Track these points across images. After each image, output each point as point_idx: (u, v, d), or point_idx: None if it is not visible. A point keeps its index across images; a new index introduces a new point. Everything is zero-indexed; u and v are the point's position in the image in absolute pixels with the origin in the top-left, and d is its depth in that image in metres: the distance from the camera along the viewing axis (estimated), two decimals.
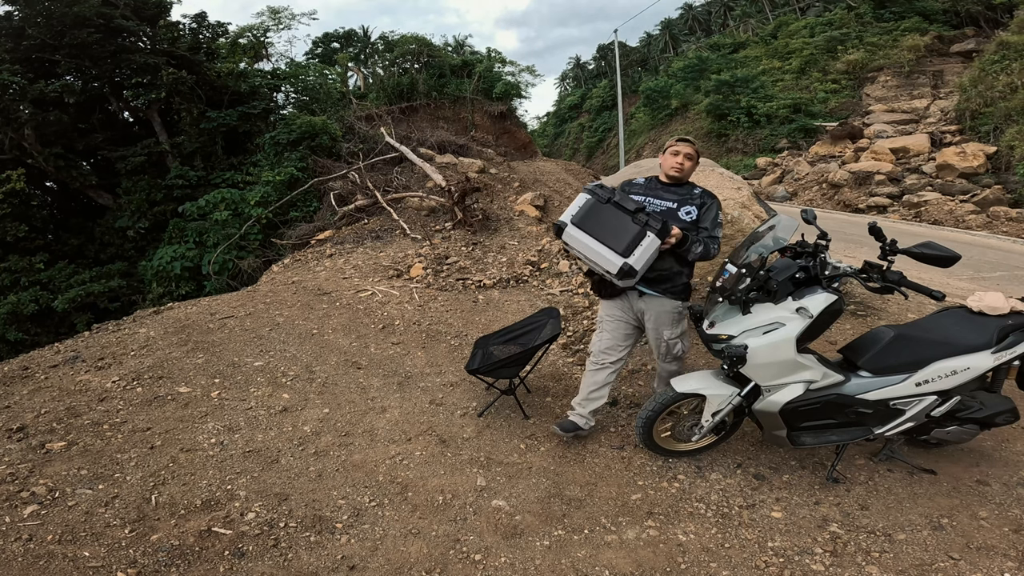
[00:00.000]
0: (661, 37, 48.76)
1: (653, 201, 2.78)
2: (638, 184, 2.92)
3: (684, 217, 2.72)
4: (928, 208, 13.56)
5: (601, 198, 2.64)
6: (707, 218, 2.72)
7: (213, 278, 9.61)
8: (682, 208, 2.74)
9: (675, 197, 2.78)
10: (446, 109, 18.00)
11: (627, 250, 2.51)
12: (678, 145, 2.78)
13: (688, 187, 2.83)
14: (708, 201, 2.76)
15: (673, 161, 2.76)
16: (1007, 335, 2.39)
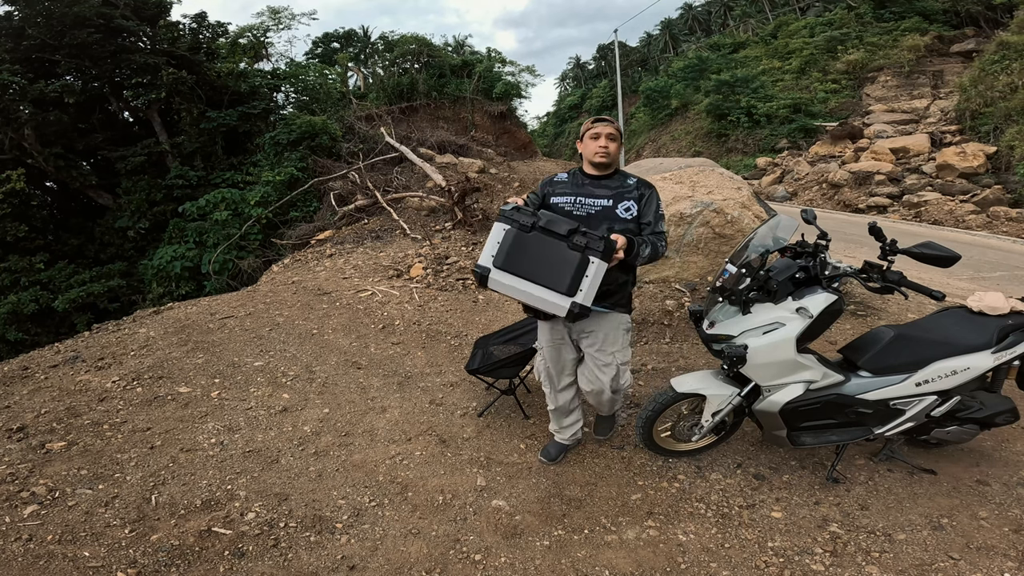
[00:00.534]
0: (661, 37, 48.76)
1: (585, 201, 2.40)
2: (562, 182, 2.52)
3: (624, 215, 2.37)
4: (928, 208, 13.56)
5: (524, 226, 2.15)
6: (649, 211, 2.40)
7: (213, 278, 9.62)
8: (620, 204, 2.38)
9: (609, 192, 2.41)
10: (446, 109, 18.00)
11: (572, 287, 2.10)
12: (596, 126, 2.41)
13: (621, 177, 2.47)
14: (646, 191, 2.42)
15: (595, 146, 2.40)
16: (1007, 335, 2.39)
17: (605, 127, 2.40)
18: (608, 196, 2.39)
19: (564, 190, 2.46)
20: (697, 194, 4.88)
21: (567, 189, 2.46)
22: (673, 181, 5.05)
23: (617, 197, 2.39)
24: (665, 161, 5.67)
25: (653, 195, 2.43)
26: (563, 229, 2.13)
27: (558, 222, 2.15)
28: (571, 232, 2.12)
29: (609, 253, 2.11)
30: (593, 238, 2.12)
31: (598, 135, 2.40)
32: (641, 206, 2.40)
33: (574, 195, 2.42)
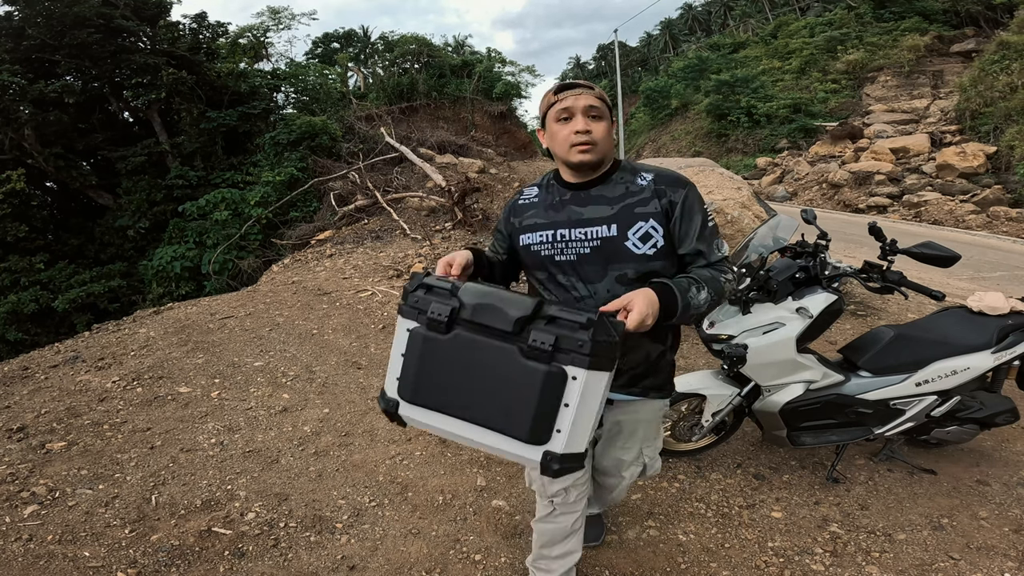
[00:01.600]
0: (661, 37, 48.77)
1: (568, 236, 1.40)
2: (527, 203, 1.51)
3: (640, 247, 1.35)
4: (928, 208, 13.56)
5: (435, 321, 1.11)
6: (689, 229, 1.37)
7: (213, 278, 9.62)
8: (630, 229, 1.36)
9: (607, 209, 1.38)
10: (446, 109, 18.00)
11: (538, 429, 1.07)
12: (564, 97, 1.36)
13: (624, 175, 1.43)
14: (675, 194, 1.38)
15: (567, 133, 1.36)
16: (1007, 335, 2.39)
17: (580, 96, 1.34)
18: (607, 217, 1.36)
19: (535, 217, 1.45)
20: None
21: (539, 215, 1.45)
22: None
23: (624, 216, 1.36)
24: (665, 161, 5.67)
25: (689, 199, 1.38)
26: (505, 319, 1.06)
27: (493, 307, 1.08)
28: (522, 323, 1.05)
29: (608, 350, 1.04)
30: (568, 325, 1.04)
31: (570, 112, 1.34)
32: (672, 224, 1.37)
33: (550, 226, 1.41)
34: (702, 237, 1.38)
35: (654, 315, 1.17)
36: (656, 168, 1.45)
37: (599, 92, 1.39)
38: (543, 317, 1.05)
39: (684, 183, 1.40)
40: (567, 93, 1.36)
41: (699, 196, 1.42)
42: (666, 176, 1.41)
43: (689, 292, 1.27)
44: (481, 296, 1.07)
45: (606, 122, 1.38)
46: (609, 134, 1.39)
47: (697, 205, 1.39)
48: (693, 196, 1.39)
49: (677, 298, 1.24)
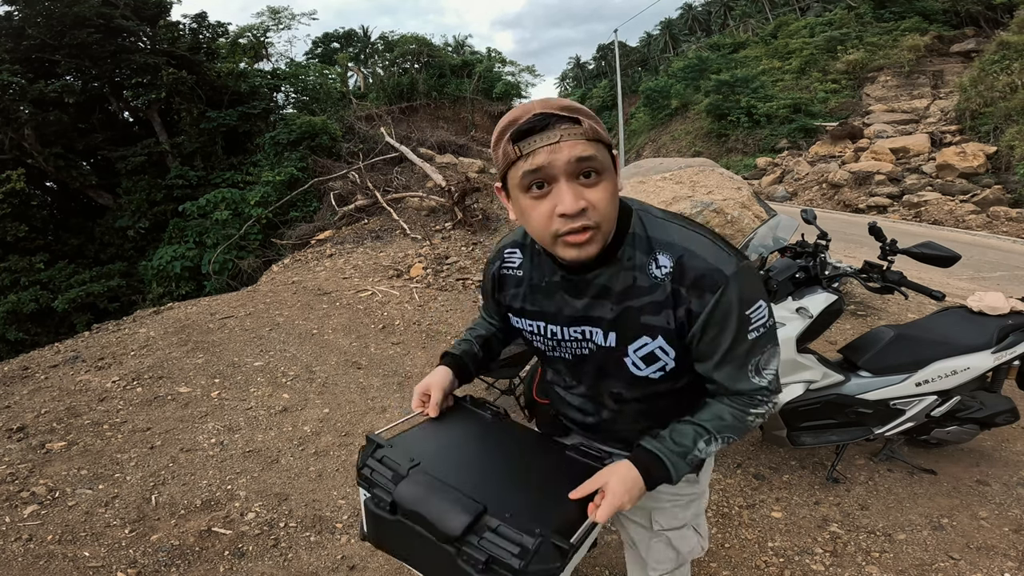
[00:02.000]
0: (661, 37, 48.78)
1: (560, 333, 1.05)
2: (510, 275, 1.11)
3: (639, 369, 1.00)
4: (928, 208, 13.56)
5: (380, 501, 0.96)
6: (714, 347, 0.94)
7: (213, 278, 9.62)
8: (632, 343, 0.98)
9: (606, 308, 0.97)
10: (446, 109, 18.01)
11: None
12: (538, 151, 0.80)
13: (635, 253, 0.94)
14: (700, 300, 0.91)
15: (549, 214, 0.84)
16: (1007, 335, 2.39)
17: (559, 147, 0.80)
18: (606, 321, 0.98)
19: (522, 301, 1.09)
20: (697, 194, 4.88)
21: (525, 298, 1.08)
22: (673, 181, 5.05)
23: (626, 324, 0.97)
24: (665, 161, 5.67)
25: (722, 307, 0.90)
26: (438, 530, 0.87)
27: (426, 518, 0.89)
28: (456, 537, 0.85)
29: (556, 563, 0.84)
30: (506, 544, 0.84)
31: (543, 177, 0.82)
32: (690, 337, 0.95)
33: (539, 316, 1.06)
34: (730, 359, 0.93)
35: (634, 499, 0.92)
36: (684, 244, 0.91)
37: (589, 126, 0.81)
38: (483, 528, 0.85)
39: (716, 283, 0.88)
40: (536, 141, 0.80)
41: (741, 297, 0.89)
42: (693, 270, 0.89)
43: (691, 454, 0.96)
44: (418, 498, 0.90)
45: (607, 178, 0.84)
46: (614, 196, 0.87)
47: (734, 314, 0.89)
48: (729, 302, 0.88)
49: (670, 473, 0.95)
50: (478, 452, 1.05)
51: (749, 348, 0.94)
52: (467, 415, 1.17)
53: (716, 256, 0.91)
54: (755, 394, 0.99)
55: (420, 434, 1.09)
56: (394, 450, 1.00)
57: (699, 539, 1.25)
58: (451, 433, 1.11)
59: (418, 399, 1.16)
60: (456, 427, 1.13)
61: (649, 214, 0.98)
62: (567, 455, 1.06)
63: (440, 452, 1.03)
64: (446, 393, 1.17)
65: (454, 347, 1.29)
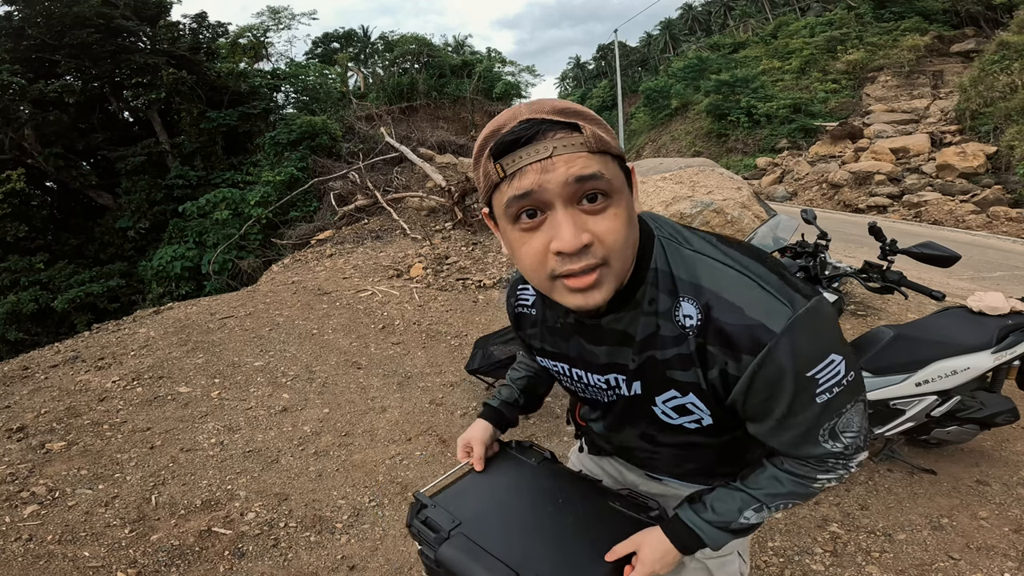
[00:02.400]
0: (661, 37, 48.80)
1: (584, 378, 0.92)
2: (526, 314, 1.00)
3: (671, 418, 0.84)
4: (928, 208, 13.56)
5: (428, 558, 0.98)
6: (767, 411, 0.73)
7: (213, 278, 9.63)
8: (660, 395, 0.81)
9: (627, 355, 0.81)
10: (446, 109, 18.00)
11: None
12: (525, 171, 0.62)
13: (656, 295, 0.75)
14: (737, 364, 0.70)
15: (543, 252, 0.65)
16: (1007, 335, 2.39)
17: (553, 165, 0.61)
18: (628, 369, 0.83)
19: (542, 341, 0.98)
20: (697, 194, 4.88)
21: (544, 339, 0.97)
22: (673, 181, 5.05)
23: (650, 375, 0.81)
24: (665, 161, 5.67)
25: (767, 370, 0.68)
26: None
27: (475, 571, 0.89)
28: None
29: None
30: None
31: (534, 205, 0.63)
32: (731, 400, 0.75)
33: (561, 358, 0.95)
34: (789, 427, 0.74)
35: (668, 566, 0.86)
36: (713, 288, 0.72)
37: (593, 132, 0.64)
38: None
39: (757, 344, 0.68)
40: (522, 157, 0.63)
41: (797, 357, 0.67)
42: (723, 326, 0.70)
43: (735, 523, 0.84)
44: (457, 563, 0.94)
45: (618, 201, 0.66)
46: (629, 225, 0.67)
47: (788, 379, 0.68)
48: (780, 367, 0.67)
49: (707, 545, 0.86)
50: (519, 507, 1.05)
51: (818, 413, 0.72)
52: (512, 463, 1.16)
53: (758, 305, 0.68)
54: (827, 459, 0.78)
55: (464, 488, 1.10)
56: (437, 510, 1.03)
57: (740, 564, 1.06)
58: (494, 487, 1.11)
59: (462, 451, 1.14)
60: (499, 478, 1.13)
61: (675, 242, 0.76)
62: (610, 506, 1.02)
63: (481, 511, 1.04)
64: (487, 446, 1.14)
65: (494, 396, 1.24)
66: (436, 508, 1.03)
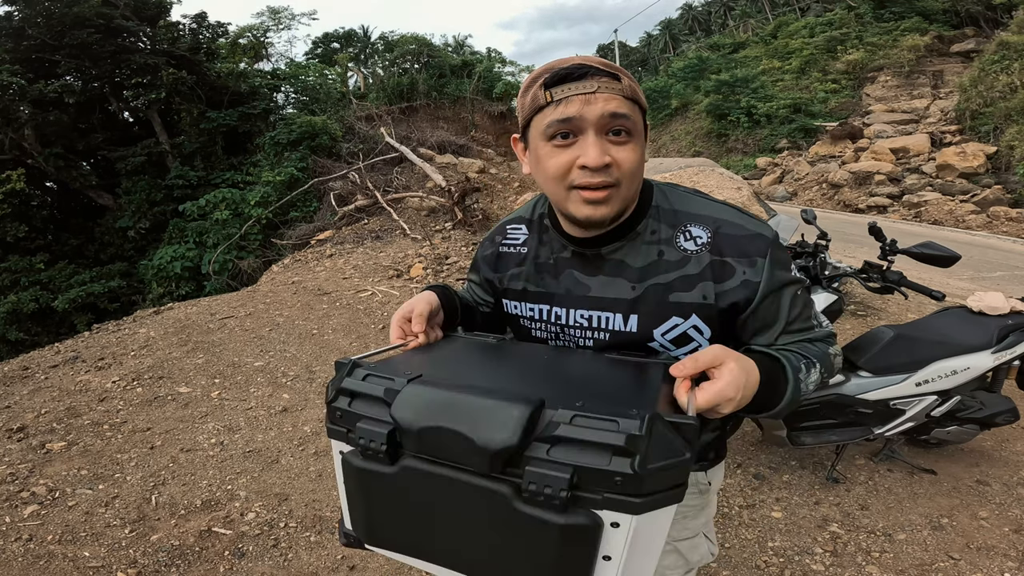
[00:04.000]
0: (661, 37, 48.80)
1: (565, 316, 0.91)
2: (511, 252, 0.99)
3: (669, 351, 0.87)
4: (928, 208, 13.55)
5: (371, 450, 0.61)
6: (774, 318, 0.86)
7: (213, 278, 9.62)
8: (658, 327, 0.85)
9: (624, 287, 0.86)
10: (446, 109, 17.98)
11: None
12: (571, 99, 0.74)
13: (658, 226, 0.87)
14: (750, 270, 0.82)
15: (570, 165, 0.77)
16: (1007, 335, 2.39)
17: (595, 97, 0.74)
18: (624, 302, 0.86)
19: (523, 281, 0.96)
20: None
21: (527, 277, 0.96)
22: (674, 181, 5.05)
23: (650, 303, 0.85)
24: (665, 161, 5.67)
25: (774, 274, 0.84)
26: (476, 454, 0.55)
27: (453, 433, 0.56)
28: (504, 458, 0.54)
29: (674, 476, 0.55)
30: (594, 449, 0.53)
31: (571, 128, 0.76)
32: (742, 319, 0.86)
33: (541, 298, 0.94)
34: (796, 319, 0.87)
35: (740, 402, 0.68)
36: (717, 216, 0.85)
37: (629, 84, 0.77)
38: (545, 440, 0.55)
39: (763, 248, 0.82)
40: (570, 88, 0.74)
41: (784, 258, 0.85)
42: (735, 239, 0.83)
43: (801, 374, 0.81)
44: (432, 412, 0.58)
45: (637, 141, 0.78)
46: (641, 162, 0.79)
47: (786, 274, 0.85)
48: (779, 262, 0.83)
49: (788, 383, 0.78)
50: (498, 363, 0.78)
51: (803, 304, 0.89)
52: (466, 342, 0.87)
53: (751, 223, 0.87)
54: (829, 337, 0.92)
55: (411, 355, 0.78)
56: (380, 366, 0.69)
57: (709, 545, 1.12)
58: (454, 349, 0.83)
59: (397, 328, 0.87)
60: (456, 348, 0.84)
61: (673, 188, 0.92)
62: (608, 358, 0.80)
63: (447, 363, 0.76)
64: (434, 310, 0.89)
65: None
66: (377, 367, 0.69)
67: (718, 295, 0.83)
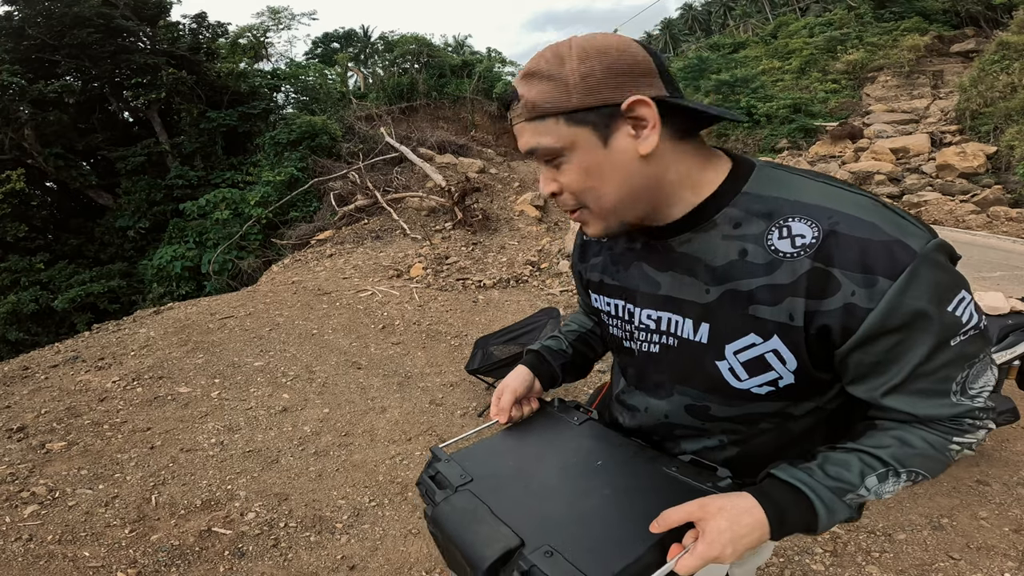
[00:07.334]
0: (661, 37, 48.79)
1: (637, 315, 0.81)
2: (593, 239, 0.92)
3: (738, 379, 0.71)
4: (928, 208, 13.55)
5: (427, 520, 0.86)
6: (889, 365, 0.63)
7: (213, 278, 9.62)
8: (731, 343, 0.70)
9: (699, 289, 0.72)
10: (446, 109, 17.98)
11: None
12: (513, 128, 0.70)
13: (747, 217, 0.68)
14: (860, 294, 0.59)
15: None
16: (1007, 335, 2.39)
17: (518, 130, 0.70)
18: (697, 306, 0.73)
19: (601, 272, 0.90)
20: None
21: (604, 268, 0.89)
22: None
23: (726, 312, 0.70)
24: None
25: (904, 306, 0.59)
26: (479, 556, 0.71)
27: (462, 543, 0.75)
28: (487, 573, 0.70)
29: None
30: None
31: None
32: (839, 355, 0.65)
33: (616, 292, 0.86)
34: (917, 378, 0.64)
35: (740, 551, 0.63)
36: (836, 207, 0.64)
37: (526, 102, 0.66)
38: (513, 567, 0.68)
39: (899, 263, 0.59)
40: (511, 121, 0.71)
41: (939, 285, 0.60)
42: (856, 243, 0.61)
43: (853, 492, 0.66)
44: (454, 522, 0.78)
45: (573, 156, 0.67)
46: (594, 170, 0.67)
47: (931, 312, 0.60)
48: (922, 292, 0.59)
49: (818, 518, 0.65)
50: (546, 468, 0.86)
51: (950, 361, 0.62)
52: (548, 422, 0.98)
53: (895, 224, 0.61)
54: (962, 418, 0.66)
55: (487, 446, 0.94)
56: (450, 465, 0.88)
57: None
58: (521, 445, 0.93)
59: (495, 403, 0.97)
60: (530, 437, 0.95)
61: (781, 168, 0.71)
62: (664, 472, 0.79)
63: (498, 469, 0.87)
64: (520, 397, 0.97)
65: (538, 343, 1.08)
66: (449, 463, 0.89)
67: (808, 316, 0.63)
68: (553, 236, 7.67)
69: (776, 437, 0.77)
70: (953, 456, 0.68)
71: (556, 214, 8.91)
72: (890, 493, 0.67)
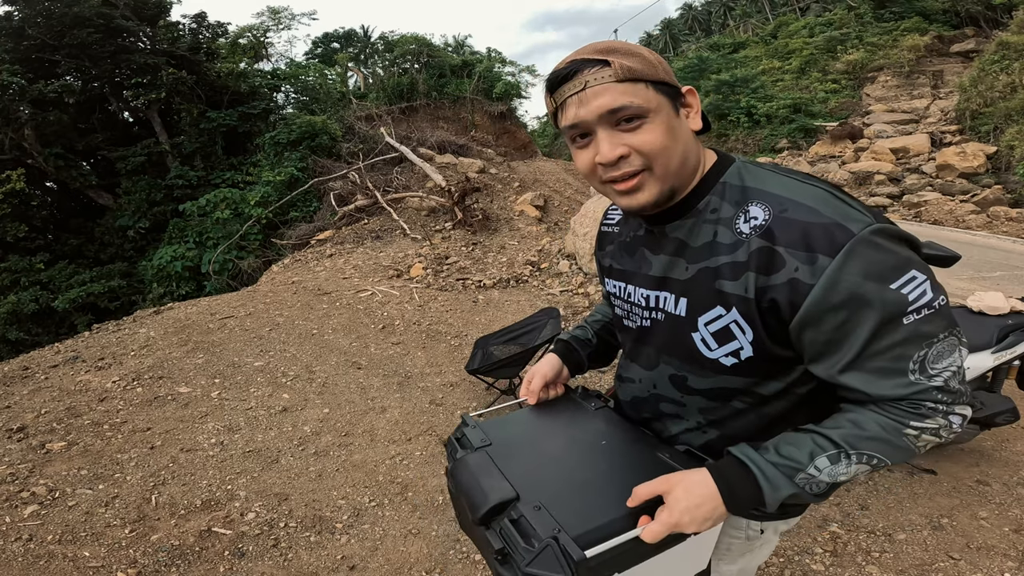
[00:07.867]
0: (661, 37, 48.79)
1: (635, 294, 0.92)
2: (609, 231, 1.04)
3: (709, 349, 0.80)
4: (928, 208, 13.55)
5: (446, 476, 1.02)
6: (838, 342, 0.68)
7: (213, 278, 9.62)
8: (702, 315, 0.79)
9: (681, 266, 0.82)
10: (446, 109, 17.98)
11: None
12: (567, 104, 0.76)
13: (720, 203, 0.79)
14: (802, 269, 0.67)
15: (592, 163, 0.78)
16: (1007, 335, 2.39)
17: (584, 97, 0.74)
18: (679, 283, 0.83)
19: (613, 258, 1.00)
20: None
21: (616, 254, 0.99)
22: None
23: (699, 288, 0.80)
24: None
25: (842, 280, 0.65)
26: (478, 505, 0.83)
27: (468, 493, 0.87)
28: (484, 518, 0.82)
29: None
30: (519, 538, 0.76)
31: (581, 130, 0.77)
32: (793, 329, 0.71)
33: (621, 276, 0.96)
34: (869, 357, 0.67)
35: (699, 521, 0.70)
36: (789, 196, 0.71)
37: (622, 63, 0.71)
38: (506, 516, 0.80)
39: (837, 241, 0.65)
40: (565, 91, 0.74)
41: (880, 263, 0.64)
42: (798, 224, 0.68)
43: (803, 472, 0.70)
44: (464, 475, 0.90)
45: (656, 118, 0.73)
46: (670, 135, 0.73)
47: (872, 289, 0.64)
48: (861, 269, 0.64)
49: (762, 493, 0.71)
50: (556, 443, 0.98)
51: (904, 340, 0.64)
52: (569, 406, 1.11)
53: (835, 209, 0.67)
54: (919, 398, 0.67)
55: (511, 419, 1.08)
56: (475, 431, 1.01)
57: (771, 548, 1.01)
58: (540, 421, 1.07)
59: (525, 386, 1.11)
60: (549, 416, 1.08)
61: (755, 165, 0.81)
62: (657, 456, 0.89)
63: (516, 438, 1.00)
64: (549, 382, 1.10)
65: (566, 332, 1.20)
66: (475, 429, 1.02)
67: (759, 290, 0.70)
68: (553, 236, 7.67)
69: (754, 421, 0.84)
70: (912, 442, 0.70)
71: (556, 214, 8.91)
72: (846, 476, 0.71)
